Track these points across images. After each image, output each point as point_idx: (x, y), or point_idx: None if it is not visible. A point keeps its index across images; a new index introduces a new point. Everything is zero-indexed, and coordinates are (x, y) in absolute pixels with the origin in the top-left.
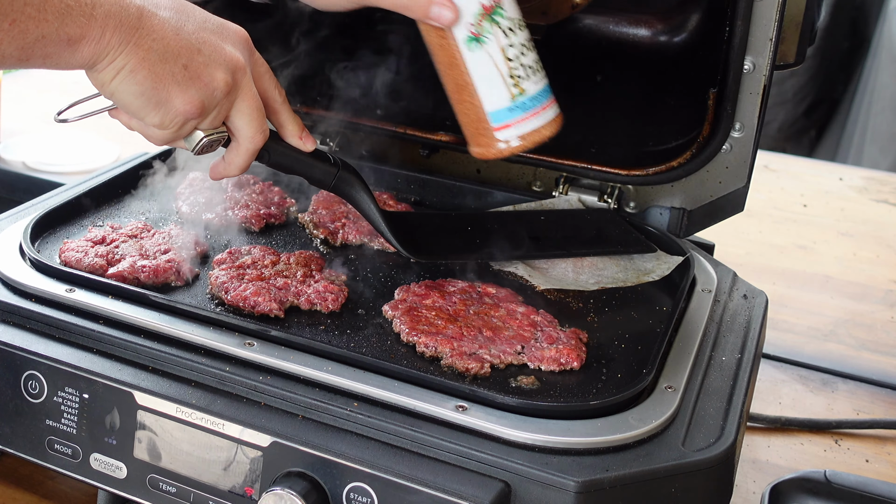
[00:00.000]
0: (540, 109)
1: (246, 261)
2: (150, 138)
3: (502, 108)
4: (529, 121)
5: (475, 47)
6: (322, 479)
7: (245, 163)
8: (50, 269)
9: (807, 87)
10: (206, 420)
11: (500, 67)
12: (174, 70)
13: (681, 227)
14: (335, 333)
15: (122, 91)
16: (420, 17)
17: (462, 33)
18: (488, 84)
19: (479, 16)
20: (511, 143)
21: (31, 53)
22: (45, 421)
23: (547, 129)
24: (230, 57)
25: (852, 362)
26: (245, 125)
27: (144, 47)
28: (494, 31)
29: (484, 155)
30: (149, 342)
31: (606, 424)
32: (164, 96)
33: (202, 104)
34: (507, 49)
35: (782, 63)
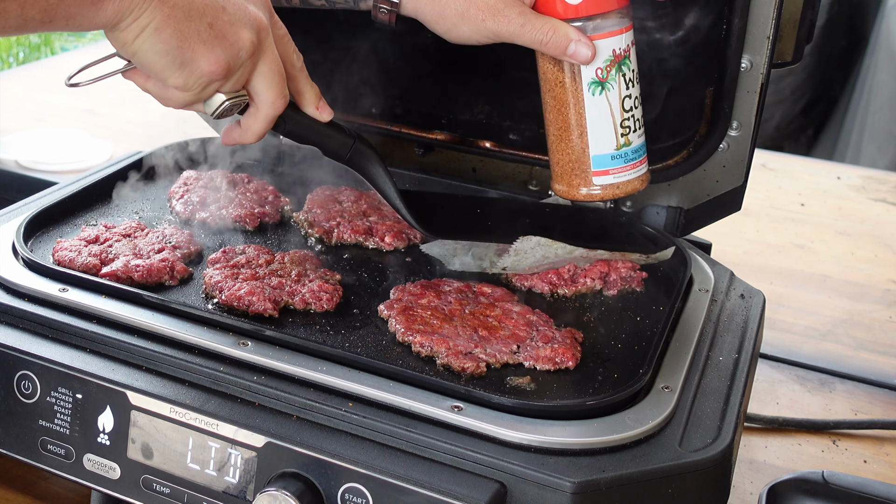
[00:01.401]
0: (637, 163)
1: (240, 260)
2: (168, 101)
3: (606, 154)
4: (626, 172)
5: (597, 91)
6: (317, 479)
7: (263, 129)
8: (43, 269)
9: (804, 86)
10: (199, 420)
11: (614, 115)
12: (199, 28)
13: (677, 226)
14: (330, 333)
15: (145, 50)
16: (557, 53)
17: (589, 75)
18: (599, 129)
19: (610, 62)
20: (603, 189)
21: (55, 14)
22: (38, 421)
23: (638, 183)
24: (254, 16)
25: (850, 362)
26: (266, 89)
27: (169, 4)
28: (618, 80)
29: (568, 194)
30: (142, 342)
31: (603, 425)
32: (189, 55)
33: (228, 64)
34: (625, 100)
35: (780, 61)
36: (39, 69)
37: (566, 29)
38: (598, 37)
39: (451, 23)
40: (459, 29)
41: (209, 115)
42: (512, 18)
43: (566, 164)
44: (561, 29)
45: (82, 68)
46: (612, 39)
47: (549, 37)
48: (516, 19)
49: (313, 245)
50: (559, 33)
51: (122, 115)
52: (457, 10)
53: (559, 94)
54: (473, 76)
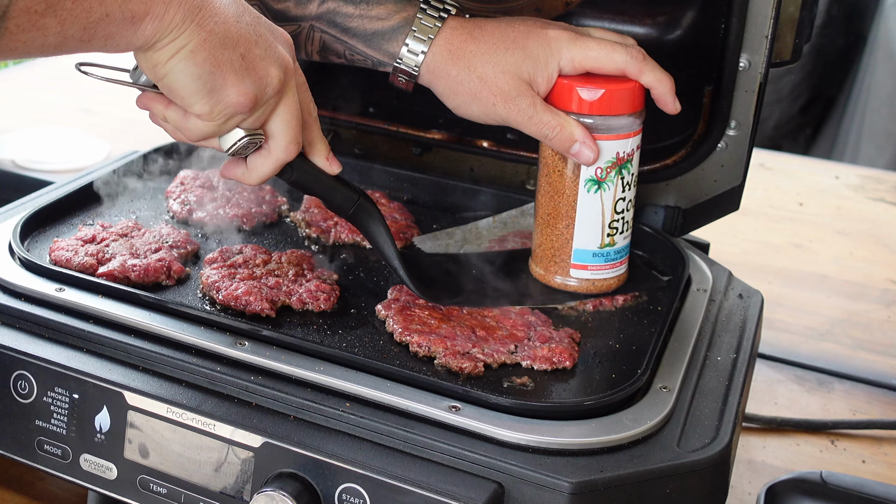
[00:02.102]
0: (617, 264)
1: (237, 260)
2: (186, 131)
3: (589, 250)
4: (604, 271)
5: (593, 189)
6: (314, 479)
7: (270, 172)
8: (40, 269)
9: (803, 85)
10: (196, 420)
11: (605, 215)
12: (232, 57)
13: (675, 226)
14: (327, 333)
15: (177, 71)
16: (561, 150)
17: (588, 173)
18: (587, 225)
19: (611, 163)
20: (578, 282)
21: (94, 34)
22: (34, 421)
23: (614, 282)
24: (283, 56)
25: (849, 362)
26: (283, 132)
27: (207, 28)
28: (616, 182)
29: (543, 278)
30: (139, 342)
31: (601, 425)
32: (219, 83)
33: (255, 98)
34: (619, 202)
35: (778, 60)
36: (36, 68)
37: (573, 129)
38: (605, 138)
39: (462, 100)
40: (470, 107)
41: (223, 151)
42: (522, 109)
43: (548, 248)
44: (567, 128)
45: (98, 64)
46: (618, 142)
47: (555, 133)
48: (526, 110)
49: (310, 245)
50: (565, 132)
51: (119, 114)
52: (470, 89)
53: (556, 182)
54: None
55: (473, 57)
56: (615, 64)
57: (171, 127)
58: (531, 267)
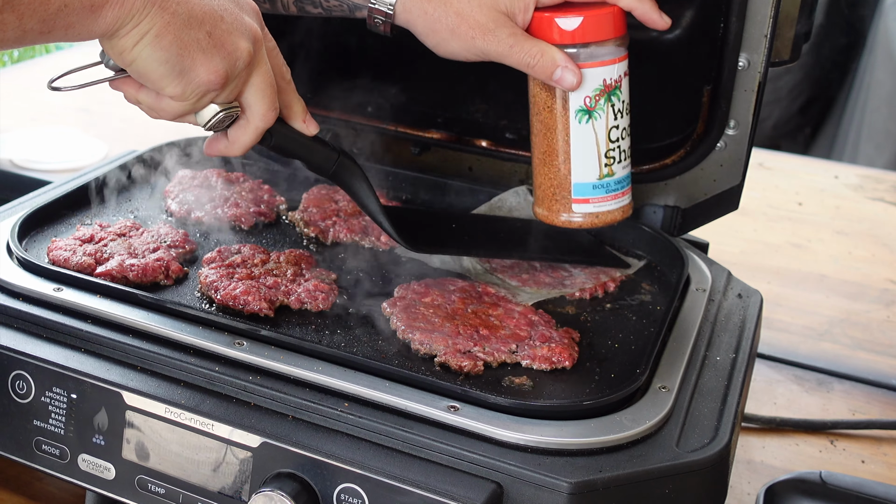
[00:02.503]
0: (620, 194)
1: (235, 259)
2: (160, 112)
3: (588, 182)
4: (607, 202)
5: (584, 119)
6: (312, 480)
7: (251, 141)
8: (38, 268)
9: (802, 85)
10: (195, 420)
11: (600, 145)
12: (199, 37)
13: (674, 226)
14: (325, 333)
15: (144, 57)
16: (543, 77)
17: (577, 103)
18: (583, 157)
19: (599, 91)
20: (583, 217)
21: (53, 25)
22: (32, 421)
23: (618, 214)
24: (250, 26)
25: (848, 362)
26: (258, 100)
27: (170, 10)
28: (607, 110)
29: (547, 219)
30: (137, 342)
31: (599, 425)
32: (188, 64)
33: (226, 73)
34: (612, 130)
35: (777, 60)
36: (34, 67)
37: (554, 53)
38: (589, 65)
39: (441, 37)
40: (449, 44)
41: (201, 127)
42: (502, 39)
43: (548, 188)
44: (549, 53)
45: (67, 73)
46: (603, 69)
47: (536, 60)
48: (506, 40)
49: (308, 244)
50: (546, 57)
51: (117, 113)
52: (448, 25)
53: (546, 118)
54: (470, 75)
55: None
56: None
57: (146, 108)
58: (535, 211)
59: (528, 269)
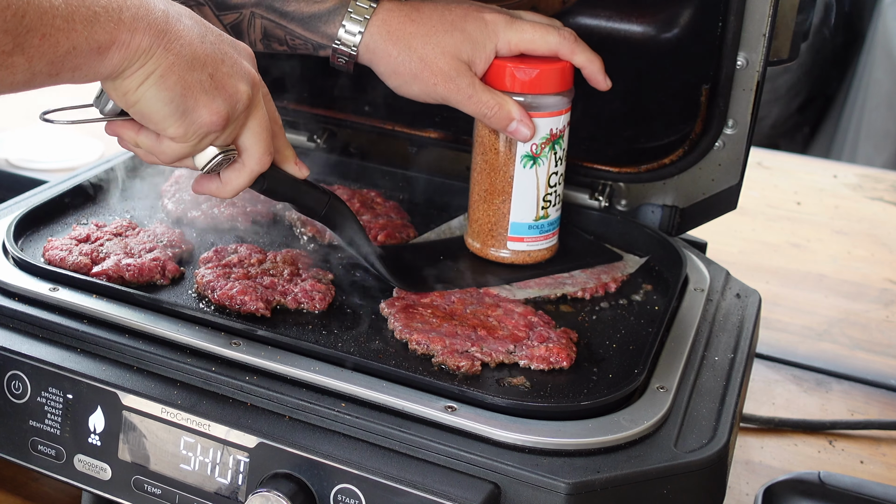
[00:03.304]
0: (550, 235)
1: (232, 259)
2: (159, 154)
3: (524, 223)
4: (539, 242)
5: (528, 165)
6: (309, 480)
7: (245, 185)
8: (33, 268)
9: (800, 84)
10: (191, 421)
11: (540, 189)
12: (201, 78)
13: (673, 226)
14: (322, 333)
15: (149, 97)
16: (499, 128)
17: (523, 149)
18: (523, 199)
19: (545, 139)
20: (514, 254)
21: (62, 67)
22: (28, 422)
23: (546, 253)
24: (249, 70)
25: (847, 362)
26: (255, 144)
27: (174, 51)
28: (550, 157)
29: (479, 252)
30: (134, 342)
31: (597, 425)
32: (191, 105)
33: (227, 115)
34: (552, 176)
35: (776, 59)
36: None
37: (510, 107)
38: (538, 115)
39: (402, 80)
40: (410, 87)
41: (198, 170)
42: (462, 88)
43: (485, 223)
44: (506, 106)
45: (61, 108)
46: (551, 119)
47: (493, 112)
48: (465, 90)
49: (306, 244)
50: (503, 111)
51: None
52: (410, 69)
53: (491, 159)
54: None
55: (413, 38)
56: (549, 46)
57: (144, 151)
58: (467, 242)
59: None
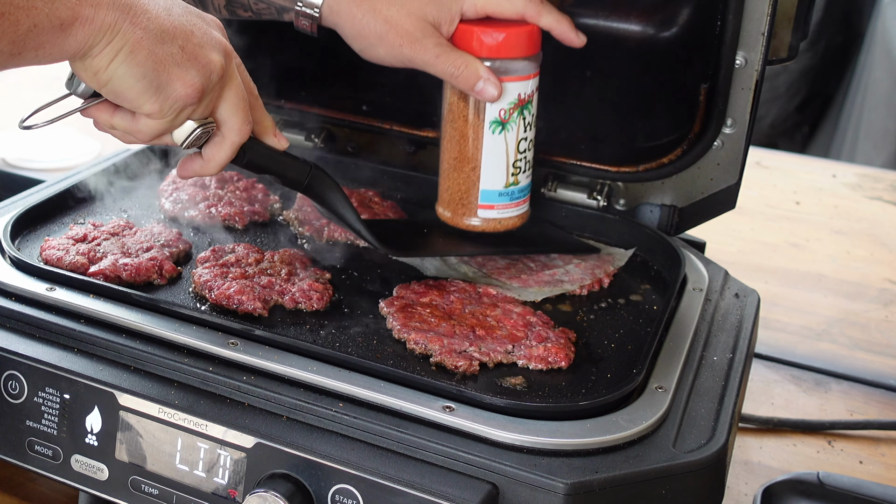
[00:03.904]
0: (521, 202)
1: (230, 259)
2: (137, 133)
3: (494, 190)
4: (509, 209)
5: (497, 130)
6: (307, 480)
7: (227, 158)
8: (30, 268)
9: (799, 83)
10: (188, 421)
11: (509, 155)
12: (172, 51)
13: (671, 225)
14: (320, 333)
15: (120, 75)
16: (465, 88)
17: (492, 114)
18: (493, 166)
19: (513, 104)
20: (485, 222)
21: (24, 46)
22: (25, 422)
23: (517, 220)
24: (219, 40)
25: (846, 362)
26: (233, 115)
27: (141, 26)
28: (518, 122)
29: (451, 221)
30: (131, 342)
31: (596, 425)
32: (164, 79)
33: (202, 86)
34: (521, 142)
35: (775, 58)
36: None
37: (477, 66)
38: (506, 79)
39: (368, 42)
40: (376, 49)
41: (178, 146)
42: (428, 48)
43: (455, 192)
44: (472, 65)
45: (36, 110)
46: (519, 84)
47: (460, 70)
48: (432, 49)
49: (303, 244)
50: (470, 69)
51: None
52: (375, 31)
53: (460, 126)
54: None
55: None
56: (515, 8)
57: (121, 132)
58: (438, 211)
59: (524, 270)
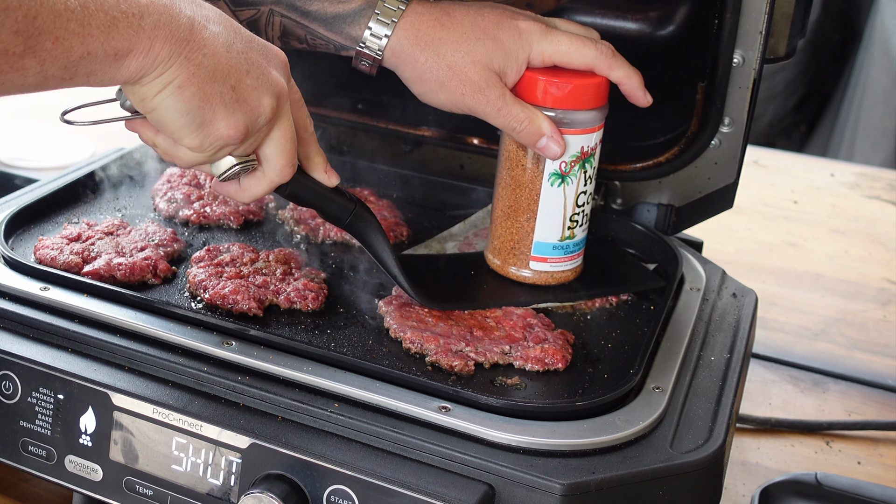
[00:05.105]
0: (575, 255)
1: (224, 258)
2: (175, 158)
3: (549, 243)
4: (563, 263)
5: (556, 183)
6: (302, 481)
7: (264, 193)
8: (24, 267)
9: (797, 81)
10: (183, 421)
11: (567, 208)
12: (223, 90)
13: (668, 224)
14: (315, 333)
15: (165, 107)
16: (528, 144)
17: (552, 167)
18: (549, 218)
19: (575, 157)
20: (536, 274)
21: (76, 72)
22: (18, 422)
23: (570, 274)
24: (276, 82)
25: (844, 362)
26: (277, 156)
27: (195, 62)
28: (579, 176)
29: (500, 269)
30: (125, 341)
31: (593, 426)
32: (209, 117)
33: (246, 129)
34: (581, 195)
35: (772, 57)
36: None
37: (541, 122)
38: (570, 132)
39: (428, 87)
40: (437, 95)
41: (216, 176)
42: (491, 100)
43: (507, 241)
44: (536, 121)
45: (81, 106)
46: (583, 137)
47: (522, 126)
48: (495, 102)
49: (299, 243)
50: (533, 126)
51: None
52: (438, 77)
53: (518, 175)
54: None
55: (442, 44)
56: (585, 60)
57: (161, 151)
58: (487, 258)
59: None
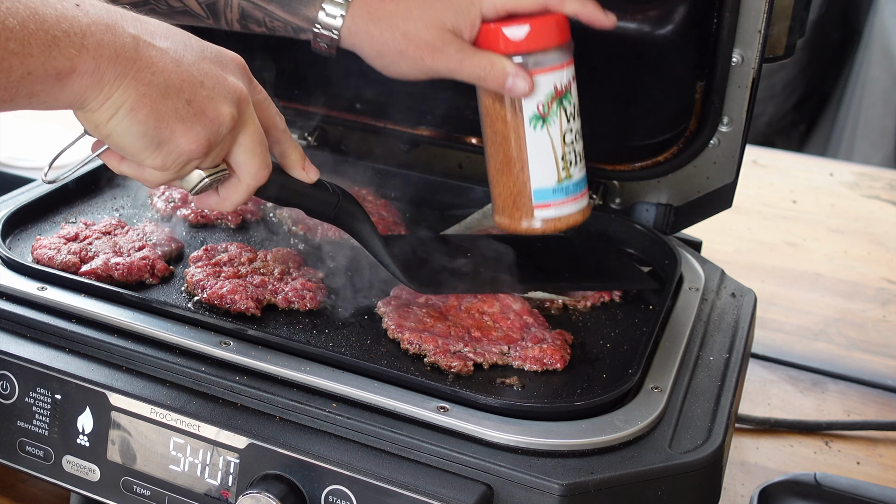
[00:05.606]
0: (578, 196)
1: (222, 258)
2: (145, 181)
3: (547, 187)
4: (567, 205)
5: (538, 126)
6: (300, 481)
7: (243, 199)
8: (22, 267)
9: (796, 81)
10: (180, 421)
11: (556, 149)
12: (177, 106)
13: (667, 224)
14: (313, 332)
15: (120, 132)
16: (495, 87)
17: (530, 110)
18: (541, 163)
19: (551, 97)
20: (545, 222)
21: (16, 93)
22: (16, 422)
23: (579, 216)
24: (234, 88)
25: (843, 362)
26: (248, 160)
27: (144, 81)
28: (559, 114)
29: (510, 227)
30: (122, 341)
31: (591, 426)
32: (166, 135)
33: (208, 141)
34: (566, 134)
35: (771, 56)
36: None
37: (504, 63)
38: (538, 72)
39: (389, 59)
40: (398, 65)
41: (189, 192)
42: (451, 55)
43: (507, 197)
44: (498, 63)
45: (54, 159)
46: (553, 75)
47: (486, 71)
48: (455, 56)
49: (297, 243)
50: (497, 68)
51: None
52: (395, 47)
53: (500, 128)
54: None
55: (394, 16)
56: (536, 1)
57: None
58: (496, 220)
59: None
